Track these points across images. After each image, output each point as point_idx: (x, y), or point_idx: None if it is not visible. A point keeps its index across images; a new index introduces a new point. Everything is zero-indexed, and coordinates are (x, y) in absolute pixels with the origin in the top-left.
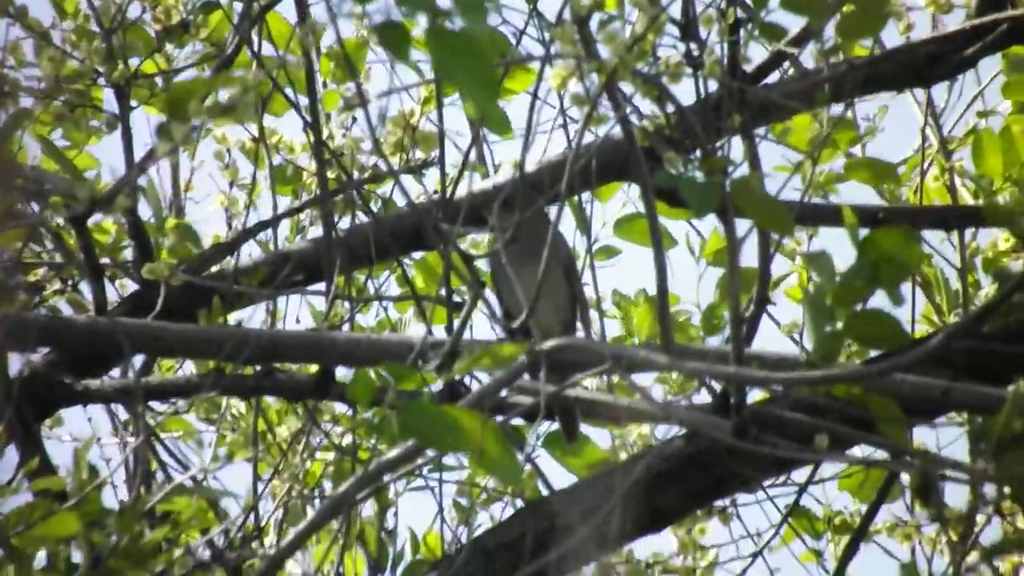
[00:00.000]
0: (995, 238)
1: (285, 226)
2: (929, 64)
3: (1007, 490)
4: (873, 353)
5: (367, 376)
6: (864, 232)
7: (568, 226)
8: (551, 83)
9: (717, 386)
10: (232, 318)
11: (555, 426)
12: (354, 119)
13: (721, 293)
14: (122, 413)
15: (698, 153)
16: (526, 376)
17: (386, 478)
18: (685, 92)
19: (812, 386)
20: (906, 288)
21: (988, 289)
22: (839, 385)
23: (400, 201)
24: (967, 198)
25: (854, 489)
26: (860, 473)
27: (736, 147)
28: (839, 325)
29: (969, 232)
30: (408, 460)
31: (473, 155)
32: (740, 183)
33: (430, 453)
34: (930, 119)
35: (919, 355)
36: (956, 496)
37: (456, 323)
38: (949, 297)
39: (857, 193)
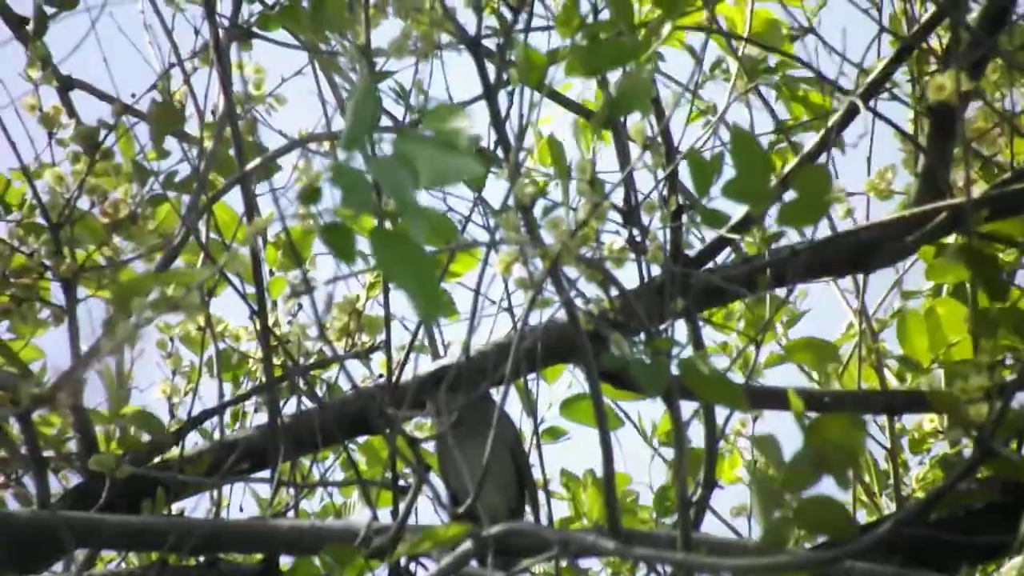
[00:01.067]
0: (920, 419)
1: (229, 414)
2: (869, 251)
3: None
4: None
5: (309, 564)
6: (810, 416)
7: (514, 408)
8: (496, 268)
9: (665, 571)
10: (176, 508)
11: None
12: (300, 306)
13: (672, 474)
14: None
15: (642, 336)
16: (473, 563)
17: None
18: (629, 277)
19: (763, 573)
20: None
21: (917, 471)
22: (790, 573)
23: (346, 386)
24: (892, 380)
25: None
26: None
27: (680, 331)
28: (789, 511)
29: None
30: None
31: (421, 335)
32: (688, 363)
33: None
34: (854, 302)
35: (869, 542)
36: None
37: (401, 507)
38: (879, 478)
39: (790, 378)
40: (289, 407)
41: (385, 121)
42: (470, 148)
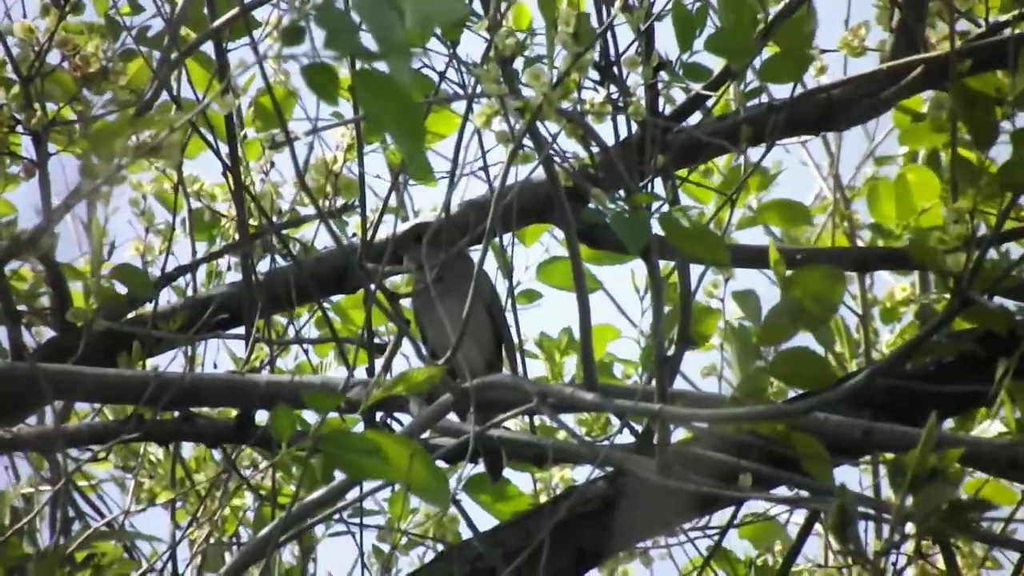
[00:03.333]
0: (892, 288)
1: (203, 271)
2: (842, 107)
3: (925, 525)
4: (793, 393)
5: (289, 412)
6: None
7: (491, 268)
8: (475, 121)
9: (639, 427)
10: (150, 364)
11: (477, 468)
12: (272, 164)
13: (650, 329)
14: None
15: (622, 192)
16: (451, 416)
17: (308, 522)
18: (607, 134)
19: (737, 423)
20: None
21: (889, 338)
22: (764, 423)
23: (321, 244)
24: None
25: (754, 537)
26: (761, 524)
27: (658, 188)
28: (764, 363)
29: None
30: (330, 503)
31: (393, 200)
32: (668, 217)
33: (351, 496)
34: (827, 168)
35: (844, 392)
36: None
37: (379, 363)
38: (851, 344)
39: (760, 242)
40: (263, 265)
41: None
42: None
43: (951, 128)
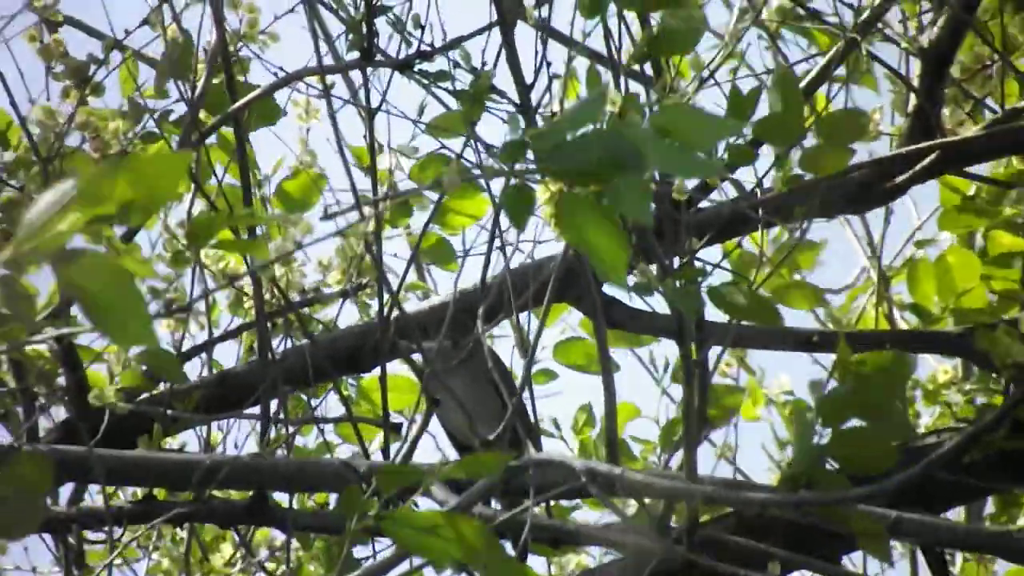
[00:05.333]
0: (934, 371)
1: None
2: (861, 191)
3: None
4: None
5: (357, 492)
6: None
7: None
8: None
9: (652, 509)
10: (178, 443)
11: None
12: (299, 244)
13: (681, 409)
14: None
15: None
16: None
17: None
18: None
19: (792, 508)
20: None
21: (928, 421)
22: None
23: (344, 323)
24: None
25: None
26: None
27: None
28: (823, 440)
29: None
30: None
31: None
32: (717, 290)
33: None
34: (868, 248)
35: (901, 482)
36: None
37: (393, 444)
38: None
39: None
40: (282, 344)
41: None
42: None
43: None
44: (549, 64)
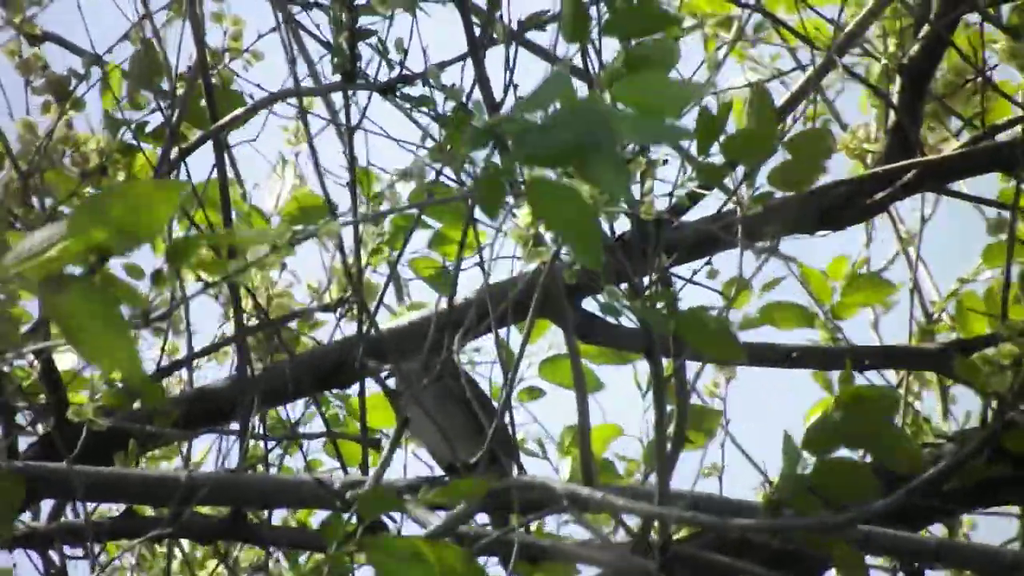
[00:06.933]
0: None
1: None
2: (840, 208)
3: None
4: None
5: (339, 518)
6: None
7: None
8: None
9: (633, 524)
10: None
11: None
12: (284, 265)
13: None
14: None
15: (623, 288)
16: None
17: None
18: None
19: (772, 532)
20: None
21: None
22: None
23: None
24: None
25: None
26: None
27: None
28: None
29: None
30: None
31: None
32: (689, 315)
33: None
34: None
35: (881, 509)
36: None
37: (370, 460)
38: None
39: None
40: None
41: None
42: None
43: (1008, 241)
44: (516, 87)
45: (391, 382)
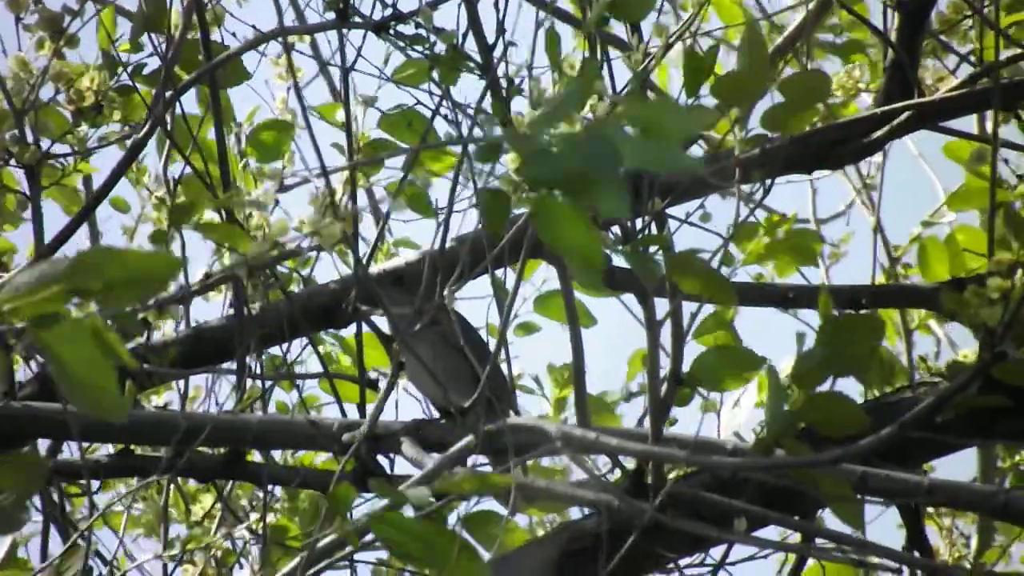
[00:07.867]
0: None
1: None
2: (838, 147)
3: None
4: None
5: (349, 489)
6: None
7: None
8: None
9: (629, 465)
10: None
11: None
12: (277, 202)
13: (635, 363)
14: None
15: (617, 232)
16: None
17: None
18: None
19: (764, 471)
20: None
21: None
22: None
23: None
24: None
25: None
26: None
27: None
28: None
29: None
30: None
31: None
32: (680, 258)
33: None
34: (867, 202)
35: (873, 444)
36: None
37: (369, 402)
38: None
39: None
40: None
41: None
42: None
43: (991, 176)
44: (505, 31)
45: (381, 327)
